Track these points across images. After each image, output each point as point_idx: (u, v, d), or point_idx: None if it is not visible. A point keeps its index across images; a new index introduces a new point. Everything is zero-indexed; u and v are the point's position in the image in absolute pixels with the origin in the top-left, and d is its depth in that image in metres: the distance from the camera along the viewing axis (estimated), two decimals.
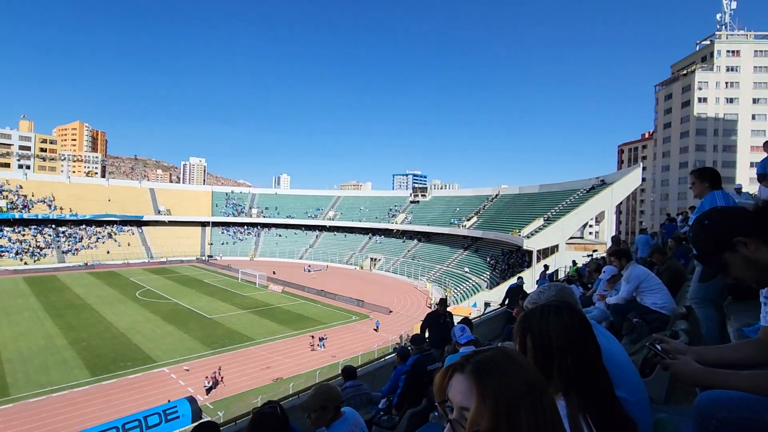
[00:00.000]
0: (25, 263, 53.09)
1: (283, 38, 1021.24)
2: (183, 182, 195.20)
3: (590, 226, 58.97)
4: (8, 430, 16.98)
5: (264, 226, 78.78)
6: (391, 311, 37.96)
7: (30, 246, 55.97)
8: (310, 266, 62.35)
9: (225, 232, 75.82)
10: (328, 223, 76.41)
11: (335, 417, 3.04)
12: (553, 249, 40.08)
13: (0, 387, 20.32)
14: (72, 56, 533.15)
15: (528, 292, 13.04)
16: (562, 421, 0.85)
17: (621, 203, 66.19)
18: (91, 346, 26.13)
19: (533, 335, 1.25)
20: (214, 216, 75.53)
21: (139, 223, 68.64)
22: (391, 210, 73.95)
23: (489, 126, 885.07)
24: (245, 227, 78.41)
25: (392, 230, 70.38)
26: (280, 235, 76.97)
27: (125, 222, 67.37)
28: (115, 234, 65.00)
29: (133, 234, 66.84)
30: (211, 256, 68.61)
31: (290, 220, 77.90)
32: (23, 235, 57.42)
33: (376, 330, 31.71)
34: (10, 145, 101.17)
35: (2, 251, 53.29)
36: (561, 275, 25.29)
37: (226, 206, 78.87)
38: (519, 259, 43.08)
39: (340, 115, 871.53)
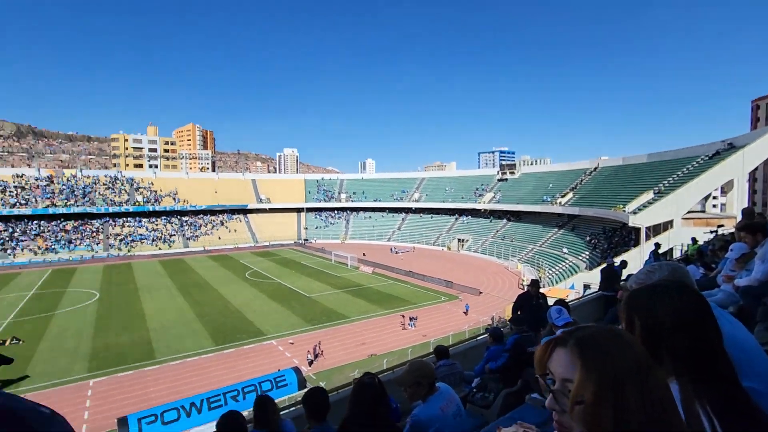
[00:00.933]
0: (159, 248, 62.59)
1: (364, 30, 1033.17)
2: (279, 172, 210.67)
3: (714, 198, 51.15)
4: (156, 387, 20.46)
5: (353, 210, 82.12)
6: (480, 292, 37.30)
7: (162, 234, 65.73)
8: (396, 248, 63.70)
9: (318, 216, 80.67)
10: (413, 205, 77.03)
11: (430, 392, 3.17)
12: (666, 225, 35.60)
13: (148, 351, 24.49)
14: (178, 64, 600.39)
15: (621, 273, 11.85)
16: (674, 403, 0.83)
17: (756, 170, 55.90)
18: (214, 320, 30.03)
19: (640, 316, 1.19)
20: (307, 202, 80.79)
21: (245, 211, 76.33)
22: (477, 189, 71.86)
23: (583, 92, 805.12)
24: (335, 212, 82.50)
25: (480, 210, 68.52)
26: (370, 218, 79.70)
27: (233, 211, 75.42)
28: (226, 222, 73.24)
29: (240, 221, 74.62)
30: (307, 240, 73.74)
31: (377, 203, 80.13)
32: (156, 225, 67.61)
33: (465, 313, 31.43)
34: (142, 148, 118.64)
35: (142, 239, 63.44)
36: (676, 254, 22.43)
37: (317, 192, 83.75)
38: (624, 237, 39.12)
39: (422, 96, 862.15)
